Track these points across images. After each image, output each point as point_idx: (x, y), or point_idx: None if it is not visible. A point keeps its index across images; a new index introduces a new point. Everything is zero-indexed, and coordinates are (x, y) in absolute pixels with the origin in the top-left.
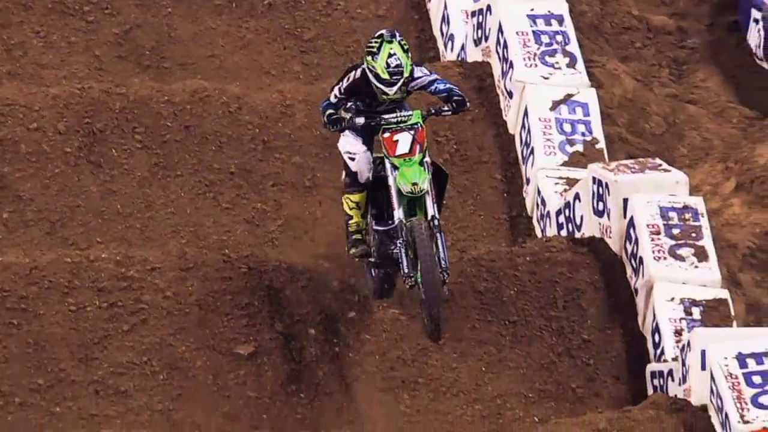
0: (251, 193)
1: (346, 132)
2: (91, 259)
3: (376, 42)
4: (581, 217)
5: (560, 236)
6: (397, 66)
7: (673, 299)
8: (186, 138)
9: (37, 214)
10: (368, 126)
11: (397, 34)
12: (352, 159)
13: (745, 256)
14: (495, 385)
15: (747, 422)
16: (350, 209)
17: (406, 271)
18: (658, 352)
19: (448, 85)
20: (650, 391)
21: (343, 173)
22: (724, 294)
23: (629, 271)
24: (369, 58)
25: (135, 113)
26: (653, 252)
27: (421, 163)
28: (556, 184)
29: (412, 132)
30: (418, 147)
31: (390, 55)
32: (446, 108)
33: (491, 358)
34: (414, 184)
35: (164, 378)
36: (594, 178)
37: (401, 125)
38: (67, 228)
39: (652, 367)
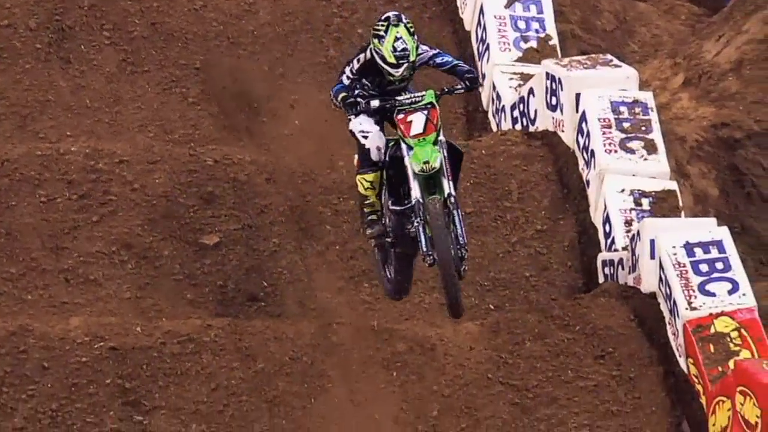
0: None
1: (353, 116)
2: (61, 152)
3: (382, 25)
4: (535, 112)
5: (515, 130)
6: (403, 50)
7: (623, 190)
8: (153, 35)
9: (9, 108)
10: (382, 107)
11: (403, 17)
12: (366, 137)
13: (693, 148)
14: None
15: (694, 309)
16: (365, 189)
17: (424, 249)
18: (609, 241)
19: (450, 58)
20: (601, 280)
21: (356, 155)
22: (673, 185)
23: (581, 163)
24: (376, 41)
25: (103, 11)
26: (604, 145)
27: (435, 143)
28: (511, 79)
29: (426, 112)
30: (432, 126)
31: (396, 39)
32: (459, 86)
33: None
34: (425, 162)
35: (132, 267)
36: (547, 74)
37: (414, 106)
38: (37, 122)
39: (603, 256)
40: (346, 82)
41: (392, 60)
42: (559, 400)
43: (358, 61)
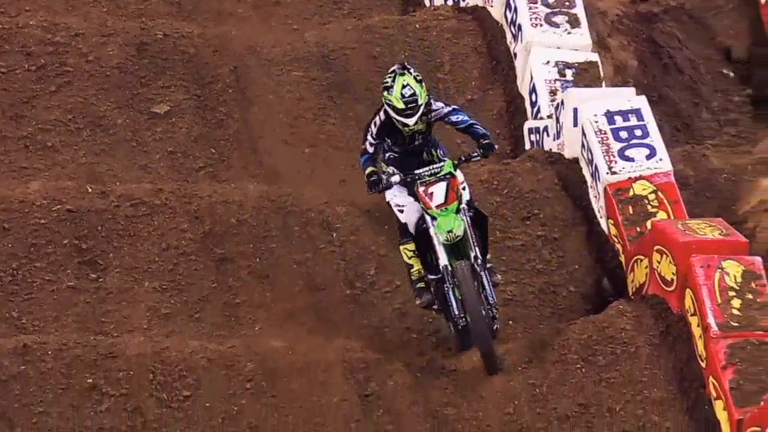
0: None
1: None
2: (20, 26)
3: (390, 76)
4: None
5: (447, 5)
6: (411, 95)
7: (548, 62)
8: None
9: None
10: (403, 182)
11: (410, 67)
12: (401, 211)
13: (613, 22)
14: None
15: (614, 173)
16: (409, 258)
17: (456, 312)
18: (535, 110)
19: (465, 117)
20: (528, 146)
21: (397, 226)
22: (594, 57)
23: (509, 37)
24: (385, 93)
25: None
26: (531, 19)
27: (457, 211)
28: None
29: (446, 182)
30: (453, 195)
31: (404, 86)
32: (476, 154)
33: None
34: (449, 231)
35: (88, 134)
36: None
37: (434, 177)
38: None
39: (530, 124)
40: (371, 149)
41: (401, 106)
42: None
43: (375, 124)
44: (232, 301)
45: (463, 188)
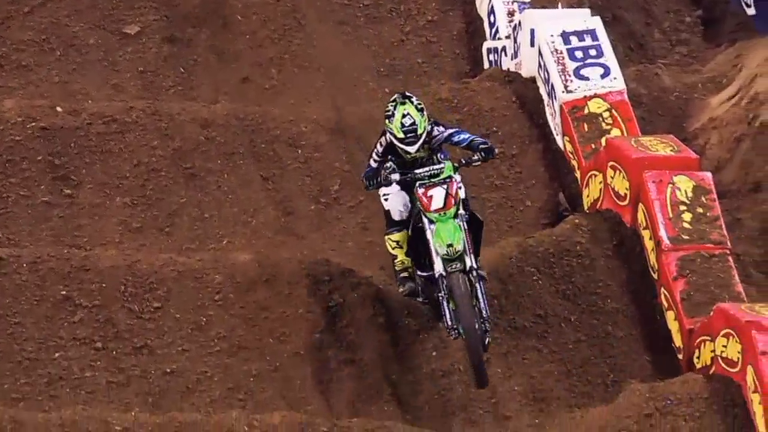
0: None
1: (382, 189)
2: None
3: (391, 104)
4: None
5: None
6: (411, 125)
7: None
8: None
9: None
10: (402, 181)
11: (412, 96)
12: (386, 199)
13: None
14: (350, 62)
15: (570, 92)
16: (393, 249)
17: (449, 323)
18: (494, 31)
19: (466, 135)
20: (486, 66)
21: (384, 213)
22: None
23: None
24: (387, 121)
25: None
26: None
27: (456, 215)
28: None
29: (445, 186)
30: (451, 200)
31: (404, 116)
32: (476, 158)
33: (348, 37)
34: (449, 245)
35: (61, 54)
36: None
37: (434, 180)
38: None
39: (488, 44)
40: (375, 165)
41: (401, 135)
42: None
43: (381, 144)
44: (201, 216)
45: (459, 188)
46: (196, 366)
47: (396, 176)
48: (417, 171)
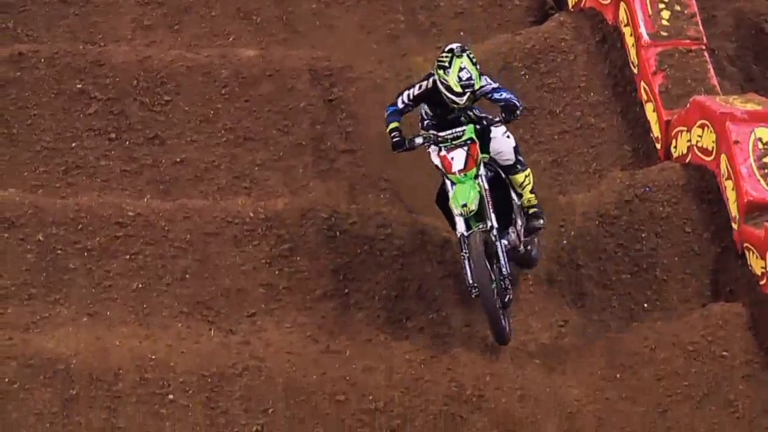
0: None
1: (431, 147)
2: None
3: (446, 56)
4: None
5: None
6: (468, 79)
7: None
8: None
9: None
10: (427, 142)
11: (467, 49)
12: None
13: None
14: None
15: None
16: None
17: (469, 281)
18: None
19: (507, 95)
20: None
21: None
22: None
23: None
24: (441, 71)
25: None
26: None
27: (476, 177)
28: None
29: (466, 148)
30: (472, 161)
31: (461, 69)
32: (498, 119)
33: None
34: (463, 206)
35: None
36: None
37: (455, 142)
38: None
39: None
40: (400, 105)
41: (458, 89)
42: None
43: (420, 88)
44: (209, 14)
45: (507, 136)
46: (204, 155)
47: (419, 140)
48: (440, 134)
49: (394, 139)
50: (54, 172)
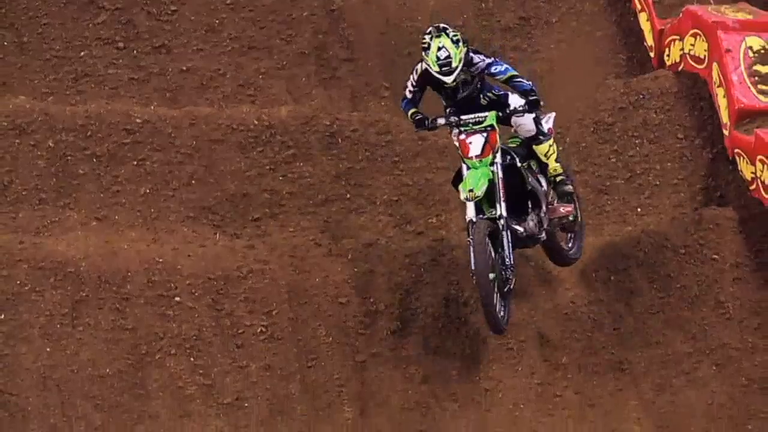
0: None
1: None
2: None
3: (427, 36)
4: None
5: None
6: (446, 57)
7: None
8: None
9: None
10: (447, 125)
11: (447, 28)
12: None
13: None
14: None
15: None
16: None
17: (472, 267)
18: None
19: (503, 67)
20: None
21: None
22: None
23: None
24: (423, 53)
25: None
26: None
27: (491, 164)
28: None
29: (485, 134)
30: (489, 149)
31: (438, 48)
32: (520, 108)
33: None
34: (470, 191)
35: None
36: None
37: (476, 127)
38: None
39: None
40: (409, 95)
41: (436, 68)
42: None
43: (416, 72)
44: None
45: (546, 120)
46: (209, 64)
47: (441, 120)
48: (462, 117)
49: (416, 118)
50: (64, 79)
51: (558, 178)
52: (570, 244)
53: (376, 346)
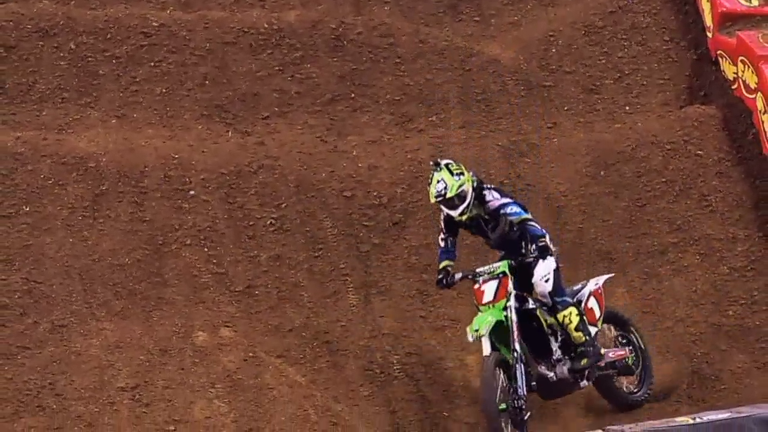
0: None
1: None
2: None
3: (430, 174)
4: None
5: None
6: (442, 189)
7: None
8: None
9: None
10: (464, 278)
11: (448, 162)
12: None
13: None
14: None
15: None
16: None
17: (481, 399)
18: None
19: (517, 209)
20: None
21: None
22: None
23: None
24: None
25: None
26: None
27: (504, 308)
28: None
29: (497, 281)
30: (502, 293)
31: (437, 182)
32: (530, 259)
33: None
34: (475, 330)
35: None
36: None
37: (489, 275)
38: None
39: None
40: (442, 244)
41: (433, 200)
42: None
43: (442, 217)
44: None
45: (546, 280)
46: None
47: (458, 275)
48: (478, 270)
49: (438, 277)
50: None
51: (578, 349)
52: (635, 387)
53: (379, 237)
